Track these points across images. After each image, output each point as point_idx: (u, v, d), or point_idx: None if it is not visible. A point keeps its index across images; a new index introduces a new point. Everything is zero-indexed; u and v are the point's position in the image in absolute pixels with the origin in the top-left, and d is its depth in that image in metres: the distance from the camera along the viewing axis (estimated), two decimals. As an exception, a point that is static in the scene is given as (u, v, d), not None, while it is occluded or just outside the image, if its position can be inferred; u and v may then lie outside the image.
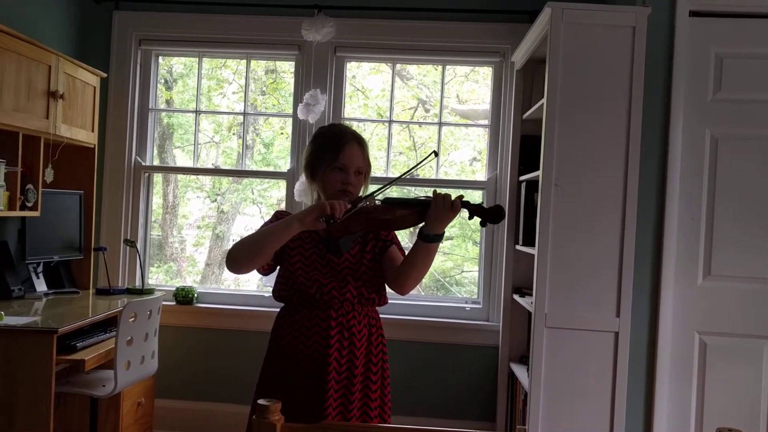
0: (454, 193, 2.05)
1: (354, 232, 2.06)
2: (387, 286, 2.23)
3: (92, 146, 3.98)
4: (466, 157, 4.71)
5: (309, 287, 2.13)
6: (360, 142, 2.21)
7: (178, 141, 4.99)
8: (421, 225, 2.07)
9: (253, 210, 5.17)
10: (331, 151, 2.16)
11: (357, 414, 2.14)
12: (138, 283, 4.21)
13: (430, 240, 2.05)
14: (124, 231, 4.27)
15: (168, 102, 4.82)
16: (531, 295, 3.27)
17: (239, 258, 2.07)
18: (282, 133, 4.78)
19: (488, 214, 2.05)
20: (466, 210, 2.06)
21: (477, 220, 2.09)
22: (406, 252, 2.23)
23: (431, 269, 2.22)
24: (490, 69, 4.23)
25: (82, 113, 3.81)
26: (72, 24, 4.14)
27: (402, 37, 4.11)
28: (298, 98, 4.18)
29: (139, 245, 4.24)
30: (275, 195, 4.94)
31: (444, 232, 2.07)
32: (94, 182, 4.03)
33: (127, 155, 4.27)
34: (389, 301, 2.30)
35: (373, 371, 2.19)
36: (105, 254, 4.12)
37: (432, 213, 2.02)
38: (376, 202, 2.09)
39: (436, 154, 2.15)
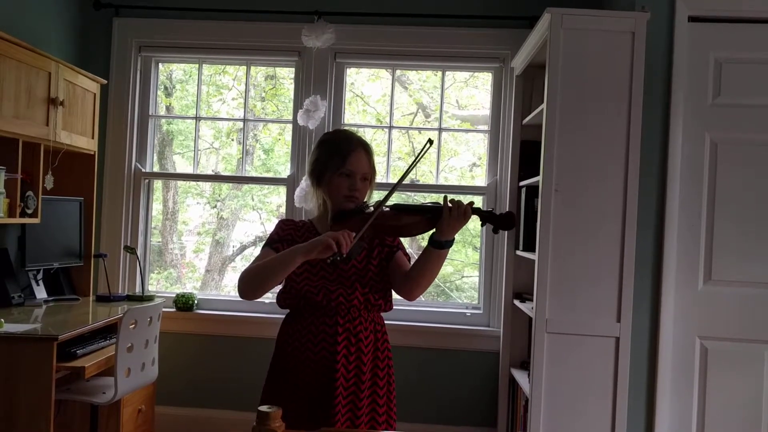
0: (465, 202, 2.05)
1: (364, 239, 2.06)
2: (395, 292, 2.23)
3: (92, 153, 3.98)
4: (466, 163, 4.72)
5: (315, 294, 2.12)
6: (366, 149, 2.21)
7: (178, 147, 5.00)
8: (429, 231, 2.07)
9: (253, 216, 5.17)
10: (337, 157, 2.16)
11: (365, 420, 2.14)
12: (138, 290, 4.21)
13: (441, 246, 2.06)
14: (124, 237, 4.26)
15: (168, 108, 4.82)
16: (532, 300, 3.27)
17: (249, 288, 2.08)
18: (281, 139, 4.78)
19: (500, 221, 2.04)
20: (477, 216, 2.06)
21: (488, 226, 2.09)
22: (412, 258, 2.23)
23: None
24: (490, 74, 4.24)
25: (82, 120, 3.81)
26: (72, 31, 4.15)
27: (402, 43, 4.12)
28: (298, 104, 4.18)
29: (139, 252, 4.23)
30: (275, 201, 4.94)
31: (454, 238, 2.07)
32: (94, 189, 4.03)
33: (127, 162, 4.27)
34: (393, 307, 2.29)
35: (380, 376, 2.20)
36: (105, 261, 4.12)
37: (444, 220, 2.02)
38: (384, 208, 2.08)
39: (431, 142, 2.12)
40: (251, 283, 2.07)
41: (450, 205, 2.03)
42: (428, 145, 2.09)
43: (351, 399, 2.13)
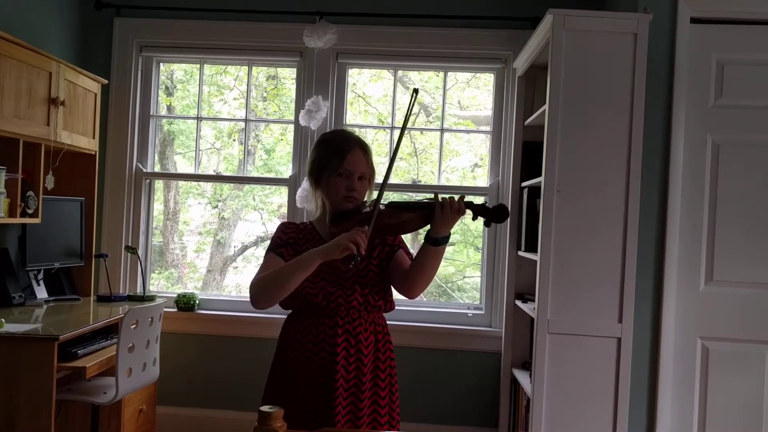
0: (457, 197, 2.05)
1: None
2: (396, 291, 2.23)
3: (93, 153, 3.98)
4: (467, 163, 4.72)
5: (315, 295, 2.12)
6: (364, 148, 2.21)
7: (179, 147, 5.00)
8: (426, 229, 2.07)
9: (255, 216, 5.18)
10: (335, 157, 2.16)
11: (367, 421, 2.13)
12: (139, 290, 4.21)
13: (437, 243, 2.06)
14: (125, 237, 4.26)
15: (169, 108, 4.82)
16: (533, 300, 3.26)
17: (266, 295, 2.05)
18: (282, 139, 4.78)
19: (492, 214, 2.05)
20: (470, 211, 2.06)
21: (481, 220, 2.09)
22: (414, 256, 2.23)
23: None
24: (492, 75, 4.23)
25: (83, 120, 3.81)
26: (73, 31, 4.15)
27: (404, 43, 4.12)
28: (299, 104, 4.18)
29: (140, 252, 4.23)
30: (276, 201, 4.94)
31: (450, 235, 2.08)
32: (95, 189, 4.03)
33: (128, 162, 4.27)
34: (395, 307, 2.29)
35: (381, 377, 2.19)
36: (106, 261, 4.11)
37: (437, 216, 2.03)
38: (381, 207, 2.08)
39: (417, 91, 2.12)
40: (267, 290, 2.04)
41: (442, 201, 2.03)
42: (415, 95, 2.09)
43: (351, 400, 2.13)
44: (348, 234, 1.94)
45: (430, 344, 4.11)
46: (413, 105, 2.11)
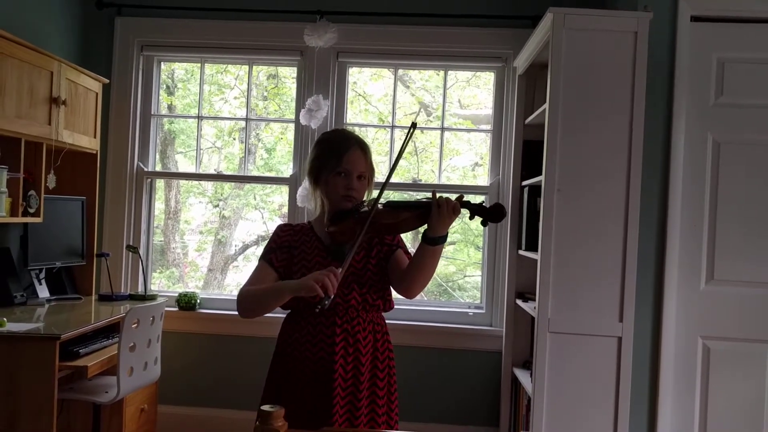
0: (454, 196, 2.05)
1: (362, 244, 2.06)
2: (394, 291, 2.23)
3: (94, 152, 3.98)
4: (468, 162, 4.72)
5: (313, 296, 2.12)
6: (363, 147, 2.21)
7: (180, 146, 5.01)
8: (423, 228, 2.07)
9: (255, 215, 5.18)
10: (333, 156, 2.16)
11: (365, 420, 2.14)
12: (140, 289, 4.21)
13: (434, 243, 2.05)
14: (126, 237, 4.26)
15: (170, 107, 4.82)
16: (534, 300, 3.27)
17: (246, 311, 2.16)
18: (283, 138, 4.79)
19: (489, 213, 2.05)
20: (467, 210, 2.06)
21: (478, 219, 2.09)
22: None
23: (434, 274, 2.21)
24: (492, 74, 4.23)
25: (84, 119, 3.81)
26: (74, 30, 4.15)
27: (404, 42, 4.12)
28: (300, 104, 4.18)
29: (141, 251, 4.23)
30: (277, 200, 4.94)
31: (447, 234, 2.07)
32: (96, 188, 4.03)
33: (130, 161, 4.27)
34: (394, 306, 2.29)
35: (379, 377, 2.19)
36: (107, 260, 4.12)
37: (433, 216, 2.02)
38: (378, 206, 2.08)
39: (415, 126, 2.14)
40: (247, 308, 2.15)
41: (438, 201, 2.03)
42: (412, 129, 2.10)
43: (349, 399, 2.13)
44: (319, 275, 1.93)
45: (430, 343, 4.11)
46: (410, 139, 2.12)
